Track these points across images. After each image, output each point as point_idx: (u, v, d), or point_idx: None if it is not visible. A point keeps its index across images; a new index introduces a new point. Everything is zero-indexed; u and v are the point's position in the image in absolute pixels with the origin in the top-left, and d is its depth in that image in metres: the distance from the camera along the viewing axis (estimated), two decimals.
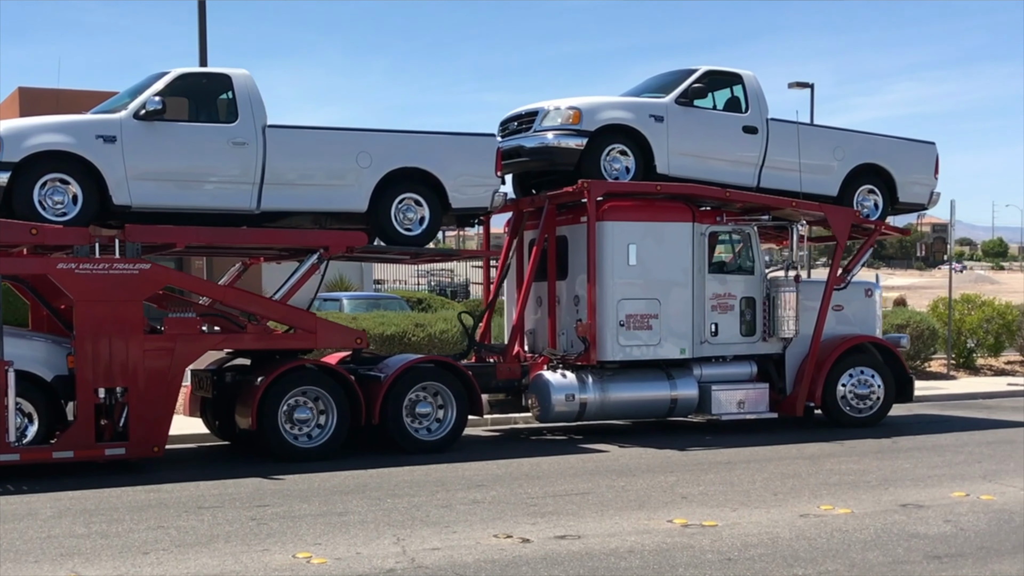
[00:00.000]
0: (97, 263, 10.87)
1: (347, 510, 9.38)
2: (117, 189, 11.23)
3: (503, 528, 8.61)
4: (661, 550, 7.87)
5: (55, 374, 11.13)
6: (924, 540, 8.17)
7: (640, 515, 9.07)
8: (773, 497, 9.88)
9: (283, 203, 12.31)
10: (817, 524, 8.71)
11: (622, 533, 8.40)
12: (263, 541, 8.23)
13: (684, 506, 9.48)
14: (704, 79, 14.53)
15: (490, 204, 13.70)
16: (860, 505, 9.46)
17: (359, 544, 8.10)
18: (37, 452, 10.72)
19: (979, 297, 24.78)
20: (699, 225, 14.27)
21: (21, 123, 11.23)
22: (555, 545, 8.06)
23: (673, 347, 14.19)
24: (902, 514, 9.09)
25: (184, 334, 11.41)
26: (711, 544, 8.05)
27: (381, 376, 12.72)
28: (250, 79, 12.23)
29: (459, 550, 7.92)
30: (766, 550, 7.85)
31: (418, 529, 8.60)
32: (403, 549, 7.95)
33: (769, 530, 8.48)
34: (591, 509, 9.36)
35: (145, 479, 10.75)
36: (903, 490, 10.18)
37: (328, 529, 8.62)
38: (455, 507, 9.49)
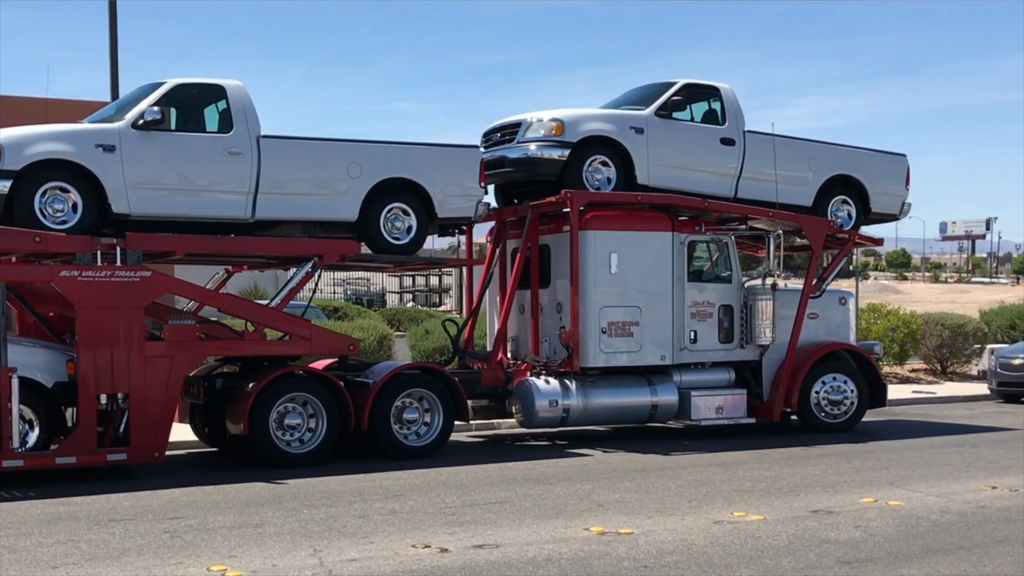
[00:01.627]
0: (99, 271, 11.42)
1: (263, 521, 9.44)
2: (116, 197, 11.81)
3: (421, 538, 8.76)
4: (578, 558, 8.06)
5: (55, 380, 11.64)
6: (835, 546, 8.47)
7: (557, 523, 9.30)
8: (687, 504, 10.19)
9: (277, 212, 12.95)
10: (731, 531, 9.01)
11: (539, 542, 8.60)
12: (176, 554, 8.26)
13: (600, 514, 9.72)
14: (683, 92, 15.35)
15: (474, 214, 14.44)
16: (772, 511, 9.78)
17: (275, 556, 8.17)
18: (40, 458, 11.21)
19: (885, 307, 25.97)
20: (679, 234, 15.04)
21: (22, 131, 11.75)
22: (473, 554, 8.19)
23: (654, 354, 14.95)
24: (813, 520, 9.42)
25: (184, 341, 11.98)
26: (627, 552, 8.26)
27: (369, 382, 13.35)
28: (243, 90, 12.88)
29: (377, 561, 8.03)
30: (681, 557, 8.10)
31: (335, 540, 8.70)
32: (320, 561, 8.02)
33: (684, 537, 8.76)
34: (509, 518, 9.57)
35: (57, 491, 10.76)
36: (814, 496, 10.54)
37: (243, 541, 8.66)
38: (372, 517, 9.62)
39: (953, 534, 8.90)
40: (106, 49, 19.00)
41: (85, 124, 12.28)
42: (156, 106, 12.06)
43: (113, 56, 18.76)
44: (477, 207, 14.39)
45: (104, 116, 12.87)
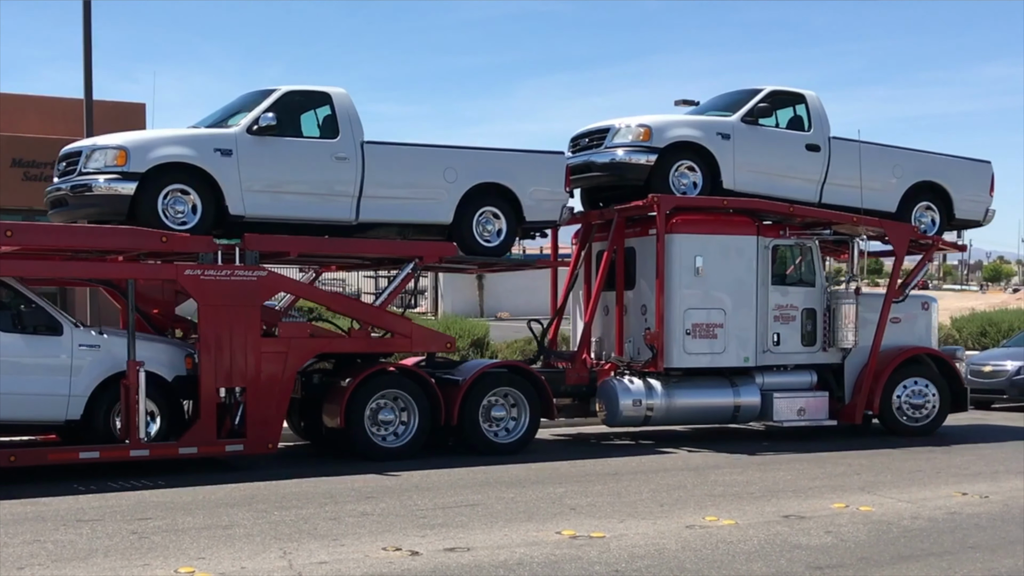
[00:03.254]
0: (220, 270, 12.57)
1: (233, 523, 9.61)
2: (233, 200, 12.96)
3: (392, 541, 8.91)
4: (549, 562, 8.25)
5: (175, 374, 12.79)
6: (806, 551, 8.70)
7: (529, 527, 9.51)
8: (659, 508, 10.45)
9: (378, 215, 14.05)
10: (702, 535, 9.24)
11: (511, 545, 8.78)
12: (144, 556, 8.38)
13: (572, 517, 9.96)
14: (769, 99, 16.25)
15: (559, 217, 15.51)
16: (744, 516, 10.03)
17: (244, 558, 8.31)
18: (164, 448, 12.33)
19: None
20: (763, 239, 15.92)
21: (145, 136, 12.94)
22: (444, 558, 8.37)
23: (737, 356, 15.84)
24: (784, 525, 9.68)
25: (296, 337, 13.13)
26: (599, 556, 8.47)
27: (459, 380, 14.39)
28: (348, 97, 13.99)
29: (347, 564, 8.17)
30: (653, 561, 8.29)
31: (305, 542, 8.87)
32: (289, 563, 8.17)
33: (656, 541, 8.97)
34: (480, 521, 9.77)
35: (24, 491, 10.98)
36: (785, 501, 10.85)
37: (212, 543, 8.81)
38: (344, 520, 9.81)
39: (924, 540, 9.16)
40: (80, 47, 19.55)
41: (202, 129, 13.43)
42: (269, 112, 13.21)
43: (87, 54, 19.43)
44: (562, 211, 15.45)
45: (212, 121, 14.02)
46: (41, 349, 12.00)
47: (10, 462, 11.54)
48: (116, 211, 12.48)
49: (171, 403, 12.82)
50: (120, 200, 12.44)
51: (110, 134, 12.97)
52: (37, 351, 11.98)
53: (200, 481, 11.68)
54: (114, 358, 12.29)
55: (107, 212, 12.52)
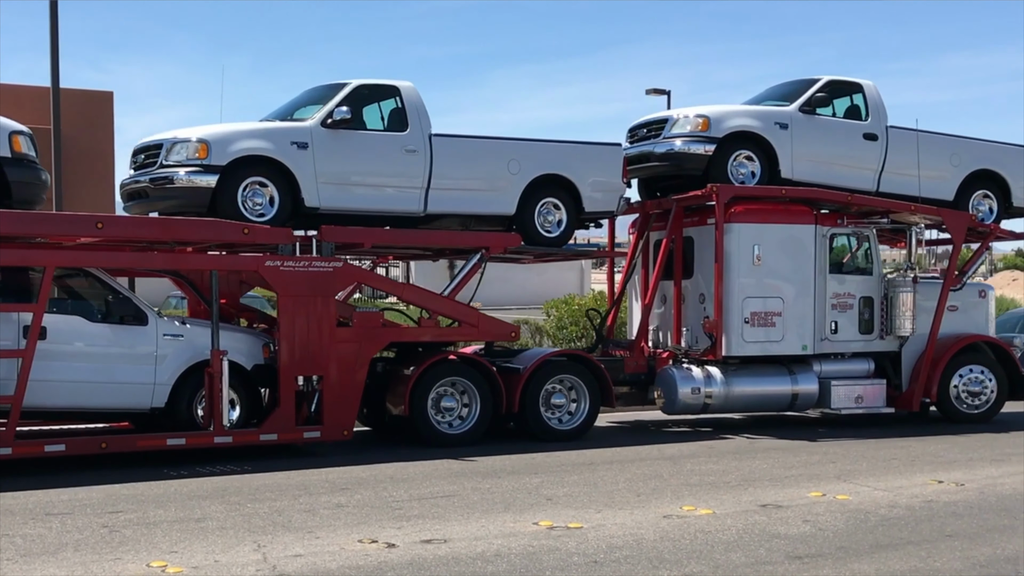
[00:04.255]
0: (299, 261, 13.16)
1: (205, 516, 9.62)
2: (308, 192, 13.56)
3: (368, 533, 8.96)
4: (528, 553, 8.32)
5: (253, 363, 13.42)
6: (785, 540, 8.80)
7: (506, 517, 9.57)
8: (636, 498, 10.55)
9: (445, 206, 14.65)
10: (680, 525, 9.35)
11: (488, 536, 8.84)
12: (115, 550, 8.36)
13: (549, 508, 10.04)
14: (826, 88, 16.78)
15: (616, 208, 16.10)
16: (721, 506, 10.16)
17: (217, 552, 8.32)
18: (246, 435, 12.92)
19: None
20: (821, 227, 16.40)
21: (225, 129, 13.50)
22: (421, 550, 8.42)
23: (795, 344, 16.37)
24: (762, 514, 9.80)
25: (370, 327, 13.75)
26: (577, 546, 8.55)
27: (520, 368, 14.96)
28: (415, 90, 14.58)
29: (322, 556, 8.21)
30: (631, 552, 8.38)
31: (280, 535, 8.87)
32: (264, 556, 8.18)
33: (634, 531, 9.06)
34: (456, 512, 9.84)
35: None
36: (762, 490, 10.99)
37: (185, 536, 8.82)
38: (318, 511, 9.85)
39: (902, 529, 9.32)
40: (47, 36, 20.20)
41: (278, 123, 14.03)
42: (343, 106, 13.80)
43: (54, 42, 19.85)
44: (619, 202, 16.04)
45: (279, 114, 14.63)
46: (128, 339, 12.62)
47: (102, 449, 12.18)
48: (198, 203, 13.08)
49: (249, 391, 13.42)
50: (202, 192, 13.05)
51: (188, 128, 13.54)
52: (124, 341, 12.59)
53: (171, 474, 11.65)
54: (196, 347, 12.91)
55: (188, 204, 13.12)
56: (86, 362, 12.37)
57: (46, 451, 11.87)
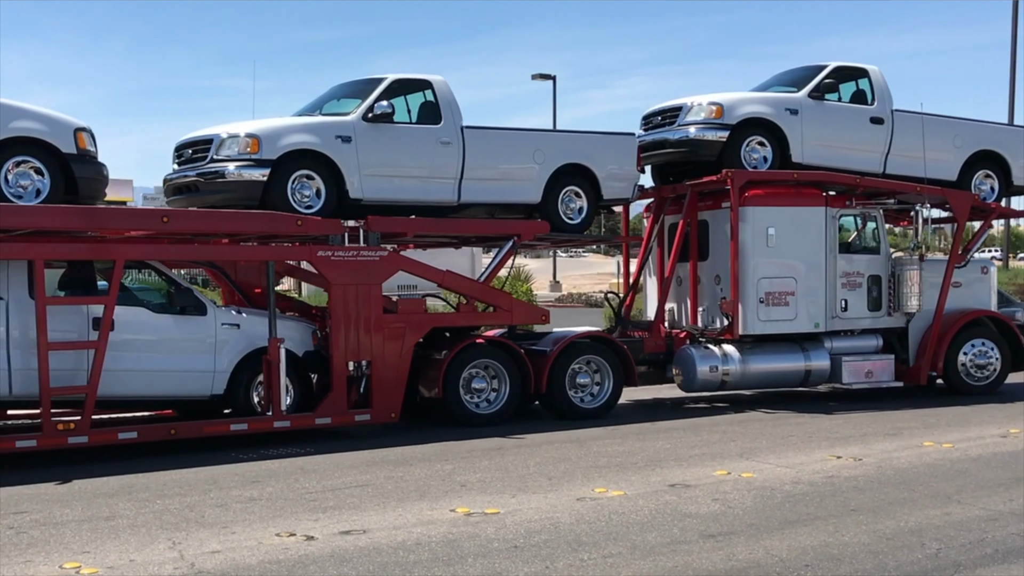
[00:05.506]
0: (348, 251, 14.01)
1: (114, 514, 9.52)
2: (352, 184, 14.38)
3: (285, 526, 8.97)
4: (448, 541, 8.46)
5: (305, 350, 14.26)
6: (697, 519, 9.09)
7: (422, 505, 9.71)
8: (548, 481, 10.80)
9: (476, 196, 15.53)
10: (594, 507, 9.58)
11: (407, 525, 8.96)
12: (24, 552, 8.27)
13: (464, 494, 10.20)
14: (834, 74, 17.81)
15: (631, 194, 17.11)
16: (631, 487, 10.43)
17: (131, 550, 8.26)
18: (303, 419, 13.69)
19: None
20: (831, 209, 17.43)
21: (274, 124, 14.29)
22: (341, 541, 8.47)
23: (808, 322, 17.40)
24: (672, 494, 10.09)
25: (414, 313, 14.63)
26: (496, 532, 8.71)
27: (546, 350, 15.89)
28: (447, 84, 15.44)
29: (241, 552, 8.18)
30: (550, 536, 8.60)
31: (194, 531, 8.84)
32: (180, 554, 8.15)
33: (550, 515, 9.27)
34: (372, 502, 9.93)
35: None
36: (669, 470, 11.32)
37: (95, 536, 8.72)
38: (231, 506, 9.81)
39: (807, 504, 9.66)
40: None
41: (321, 117, 14.85)
42: (384, 100, 14.65)
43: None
44: (634, 188, 17.04)
45: (309, 109, 15.42)
46: (189, 328, 13.40)
47: (171, 435, 12.95)
48: (249, 196, 13.85)
49: (302, 377, 14.25)
50: (254, 186, 13.84)
51: (235, 123, 14.32)
52: (186, 330, 13.38)
53: (75, 473, 11.51)
54: (250, 336, 13.72)
55: (240, 197, 13.87)
56: (151, 352, 13.13)
57: (120, 439, 12.63)
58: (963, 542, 8.40)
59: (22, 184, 12.28)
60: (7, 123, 12.12)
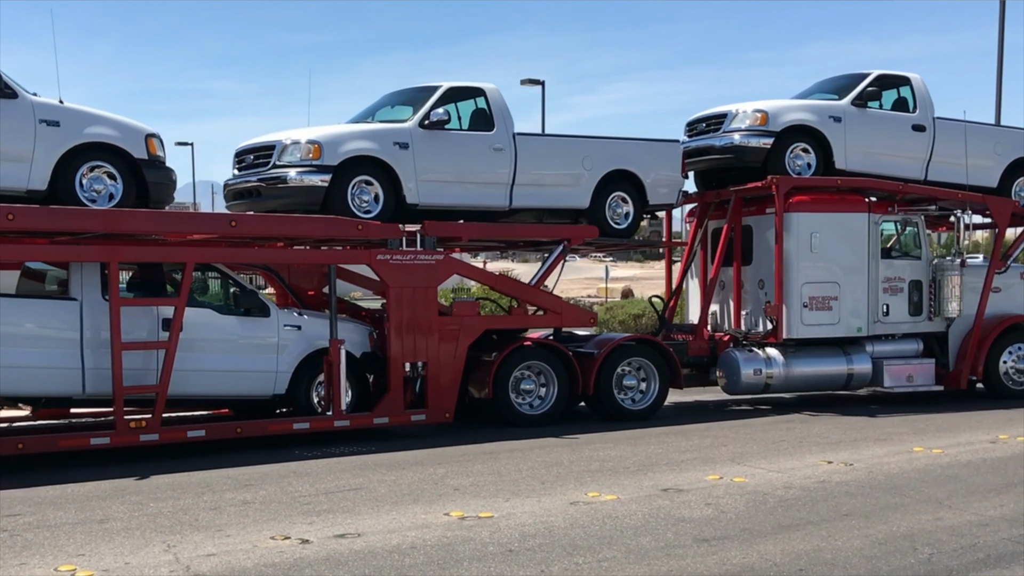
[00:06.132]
0: (406, 254, 14.34)
1: (108, 516, 9.48)
2: (409, 189, 14.72)
3: (279, 529, 8.95)
4: (443, 544, 8.45)
5: (362, 351, 14.60)
6: (690, 524, 9.08)
7: (416, 509, 9.71)
8: (541, 485, 10.79)
9: (527, 201, 15.84)
10: (588, 511, 9.58)
11: (401, 529, 8.95)
12: (19, 554, 8.24)
13: (458, 498, 10.19)
14: (876, 82, 18.07)
15: (675, 200, 17.41)
16: (624, 491, 10.42)
17: (127, 553, 8.22)
18: (361, 419, 14.01)
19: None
20: (873, 215, 17.70)
21: (335, 131, 14.64)
22: (336, 544, 8.46)
23: (850, 326, 17.64)
24: (665, 499, 10.08)
25: (468, 315, 14.95)
26: (491, 536, 8.70)
27: (594, 352, 16.17)
28: (499, 92, 15.77)
29: (236, 555, 8.16)
30: (544, 540, 8.59)
31: (188, 534, 8.81)
32: (175, 557, 8.12)
33: (544, 519, 9.28)
34: (366, 505, 9.91)
35: None
36: (661, 475, 11.31)
37: (90, 538, 8.68)
38: (225, 509, 9.76)
39: (800, 509, 9.67)
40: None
41: (378, 124, 15.19)
42: (440, 108, 14.97)
43: None
44: (679, 194, 17.33)
45: (363, 117, 15.77)
46: (253, 330, 13.73)
47: (237, 433, 13.29)
48: (311, 201, 14.19)
49: (359, 378, 14.58)
50: (316, 191, 14.18)
51: (295, 130, 14.67)
52: (250, 331, 13.71)
53: (66, 476, 11.42)
54: (310, 337, 14.04)
55: (301, 202, 14.20)
56: (218, 352, 13.46)
57: (188, 437, 12.99)
58: (955, 547, 8.43)
59: (96, 188, 12.65)
60: (82, 129, 12.50)
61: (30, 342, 12.36)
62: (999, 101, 28.78)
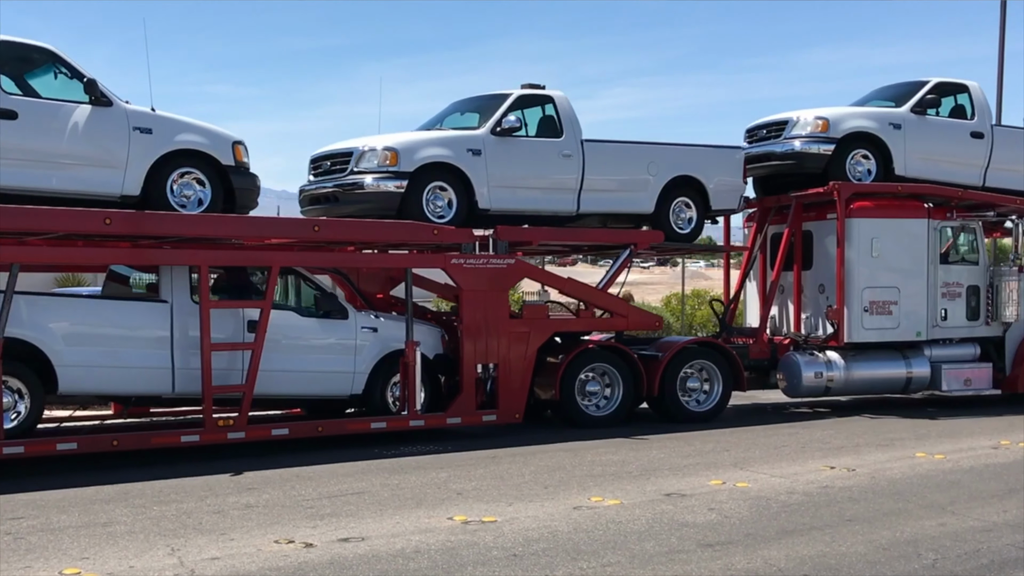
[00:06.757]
0: (479, 258, 14.65)
1: (111, 520, 9.45)
2: (481, 195, 15.02)
3: (283, 533, 8.93)
4: (447, 549, 8.40)
5: (435, 353, 14.91)
6: (694, 529, 9.05)
7: (419, 513, 9.67)
8: (544, 490, 10.75)
9: (594, 206, 16.10)
10: (591, 516, 9.54)
11: (405, 533, 8.91)
12: (23, 557, 8.21)
13: (461, 502, 10.16)
14: (935, 90, 18.23)
15: (737, 205, 17.63)
16: (627, 496, 10.39)
17: (131, 557, 8.20)
18: (435, 419, 14.27)
19: (707, 292, 28.49)
20: (932, 221, 17.88)
21: (410, 138, 14.96)
22: (340, 548, 8.42)
23: (910, 331, 17.80)
24: (668, 504, 10.04)
25: (537, 318, 15.23)
26: (494, 540, 8.66)
27: (659, 355, 16.41)
28: (567, 99, 16.04)
29: (240, 558, 8.12)
30: (548, 544, 8.54)
31: (192, 538, 8.77)
32: (180, 560, 8.08)
33: (547, 524, 9.23)
34: (369, 509, 9.87)
35: None
36: (664, 480, 11.27)
37: (94, 542, 8.66)
38: (228, 513, 9.73)
39: (803, 514, 9.65)
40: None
41: (451, 131, 15.50)
42: (511, 115, 15.27)
43: None
44: (740, 199, 17.56)
45: (431, 124, 16.08)
46: (333, 331, 14.04)
47: (318, 432, 13.61)
48: (387, 207, 14.50)
49: (431, 379, 14.88)
50: (392, 196, 14.49)
51: (370, 137, 15.00)
52: (331, 333, 14.02)
53: (69, 480, 11.37)
54: (387, 339, 14.34)
55: (378, 208, 14.51)
56: (300, 353, 13.78)
57: (273, 435, 13.33)
58: (959, 553, 8.40)
59: (186, 194, 12.98)
60: (173, 136, 12.84)
61: (123, 343, 12.72)
62: (999, 108, 28.71)
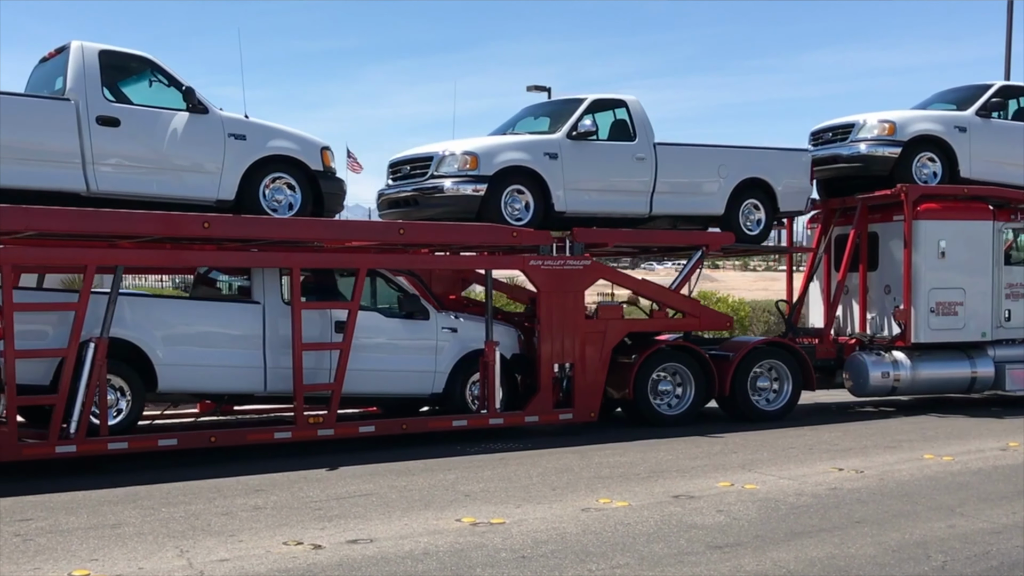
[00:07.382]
0: (556, 260, 14.89)
1: (120, 521, 9.44)
2: (557, 198, 15.26)
3: (291, 534, 8.91)
4: (455, 550, 8.37)
5: (512, 353, 15.18)
6: (702, 531, 9.01)
7: (428, 515, 9.65)
8: (552, 492, 10.74)
9: (666, 208, 16.32)
10: (600, 518, 9.51)
11: (414, 535, 8.89)
12: (32, 559, 8.19)
13: (469, 504, 10.12)
14: (999, 93, 18.36)
15: (804, 207, 17.79)
16: (635, 497, 10.37)
17: (140, 558, 8.19)
18: (514, 417, 14.52)
19: (714, 294, 28.54)
20: (997, 223, 17.99)
21: (489, 142, 15.23)
22: (349, 550, 8.40)
23: (975, 331, 17.92)
24: (677, 505, 10.02)
25: (612, 319, 15.48)
26: (503, 542, 8.64)
27: (729, 355, 16.58)
28: (640, 103, 16.27)
29: (249, 560, 8.11)
30: (557, 546, 8.51)
31: (201, 539, 8.76)
32: (189, 562, 8.07)
33: (556, 526, 9.21)
34: (378, 511, 9.84)
35: None
36: (672, 481, 11.25)
37: (103, 543, 8.65)
38: (236, 514, 9.72)
39: (812, 516, 9.62)
40: None
41: (527, 135, 15.77)
42: (587, 119, 15.51)
43: None
44: (807, 201, 17.73)
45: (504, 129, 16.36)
46: (416, 332, 14.35)
47: (403, 430, 13.95)
48: (467, 210, 14.78)
49: (509, 378, 15.15)
50: (471, 200, 14.77)
51: (448, 141, 15.30)
52: (413, 333, 14.33)
53: (77, 482, 11.33)
54: (466, 339, 14.62)
55: (456, 211, 14.79)
56: (384, 353, 14.09)
57: (360, 432, 13.65)
58: (968, 555, 8.36)
59: (277, 199, 13.33)
60: (266, 142, 13.19)
61: (218, 343, 13.08)
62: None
